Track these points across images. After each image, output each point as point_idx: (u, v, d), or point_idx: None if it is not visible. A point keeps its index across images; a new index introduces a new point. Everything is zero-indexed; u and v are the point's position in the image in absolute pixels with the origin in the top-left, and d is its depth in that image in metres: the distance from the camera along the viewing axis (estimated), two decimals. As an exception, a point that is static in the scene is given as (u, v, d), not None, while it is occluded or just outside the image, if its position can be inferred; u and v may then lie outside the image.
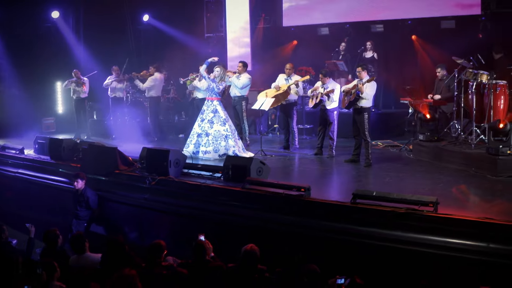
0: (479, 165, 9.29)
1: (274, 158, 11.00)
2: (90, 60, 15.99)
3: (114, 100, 14.59)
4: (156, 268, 6.60)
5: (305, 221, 7.56)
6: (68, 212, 9.95)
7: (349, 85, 10.47)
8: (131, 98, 14.86)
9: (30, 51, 15.62)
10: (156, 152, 9.49)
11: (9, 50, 15.41)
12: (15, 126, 15.23)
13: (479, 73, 9.83)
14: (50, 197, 10.73)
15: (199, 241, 6.63)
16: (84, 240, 7.26)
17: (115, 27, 16.69)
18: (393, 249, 6.90)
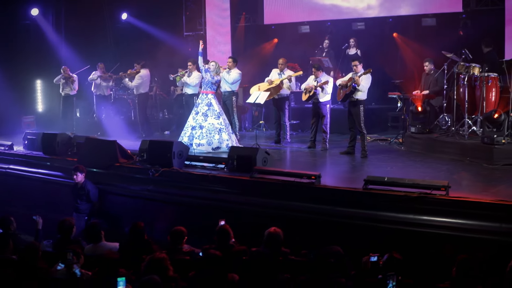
0: (474, 154, 9.59)
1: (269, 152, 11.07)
2: (71, 58, 15.78)
3: (98, 98, 14.49)
4: (178, 254, 6.65)
5: (318, 207, 7.69)
6: (66, 206, 9.86)
7: (345, 78, 10.66)
8: (114, 95, 14.76)
9: (9, 48, 15.37)
10: (159, 144, 9.51)
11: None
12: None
13: (471, 66, 10.15)
14: (46, 192, 10.61)
15: (223, 225, 6.68)
16: (100, 229, 7.24)
17: (95, 25, 16.56)
18: (407, 231, 7.09)
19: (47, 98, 16.38)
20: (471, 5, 13.57)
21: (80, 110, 15.40)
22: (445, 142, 10.36)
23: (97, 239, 7.15)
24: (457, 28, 13.91)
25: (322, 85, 10.88)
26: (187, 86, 12.96)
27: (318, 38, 15.72)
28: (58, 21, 16.28)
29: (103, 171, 9.87)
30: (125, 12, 17.39)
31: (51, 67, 16.12)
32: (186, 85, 12.98)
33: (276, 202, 8.06)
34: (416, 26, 14.56)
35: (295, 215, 7.82)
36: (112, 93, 14.75)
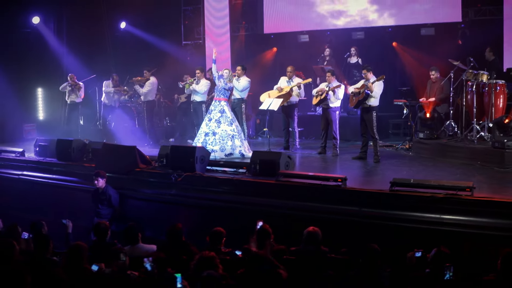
0: (485, 159, 9.96)
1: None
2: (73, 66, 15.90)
3: (104, 106, 14.64)
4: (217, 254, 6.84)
5: (346, 209, 7.97)
6: (84, 212, 10.00)
7: (357, 85, 10.99)
8: (119, 104, 14.92)
9: (10, 56, 15.43)
10: (181, 149, 9.73)
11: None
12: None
13: (479, 73, 10.56)
14: (63, 197, 10.73)
15: (262, 225, 6.91)
16: (137, 230, 7.42)
17: (96, 33, 16.67)
18: (433, 230, 7.39)
19: (48, 106, 16.45)
20: (470, 15, 14.03)
21: (83, 117, 15.49)
22: (455, 147, 10.73)
23: (134, 241, 7.32)
24: (456, 37, 14.35)
25: (334, 89, 11.19)
26: (195, 93, 13.19)
27: (317, 47, 16.09)
28: (59, 29, 16.37)
29: (123, 176, 10.00)
30: (124, 21, 17.53)
31: (52, 75, 16.26)
32: (194, 93, 13.21)
33: (303, 204, 8.32)
34: (415, 36, 14.94)
35: (323, 217, 8.06)
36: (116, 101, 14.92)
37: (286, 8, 16.37)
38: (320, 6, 15.81)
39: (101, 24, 16.99)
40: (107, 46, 17.19)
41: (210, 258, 5.97)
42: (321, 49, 15.87)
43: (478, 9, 13.90)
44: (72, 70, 15.65)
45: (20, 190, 11.44)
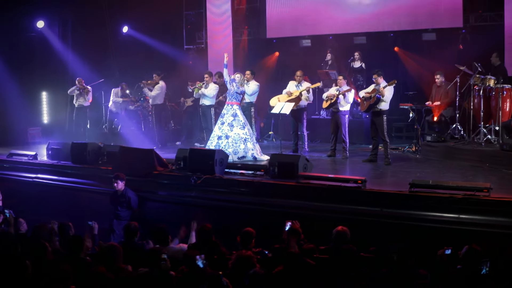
0: (493, 161, 10.33)
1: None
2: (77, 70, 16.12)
3: (111, 112, 14.86)
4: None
5: (366, 210, 8.28)
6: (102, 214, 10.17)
7: (367, 89, 11.31)
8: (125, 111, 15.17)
9: (15, 60, 15.61)
10: (200, 152, 9.98)
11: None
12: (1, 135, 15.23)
13: (486, 78, 10.94)
14: (79, 200, 10.91)
15: (293, 225, 7.18)
16: (168, 232, 7.64)
17: (99, 38, 16.87)
18: (452, 230, 7.71)
19: (53, 109, 16.64)
20: (471, 21, 14.39)
21: (90, 121, 15.68)
22: (463, 149, 11.09)
23: (165, 242, 7.55)
24: (457, 42, 14.71)
25: (344, 92, 11.50)
26: (204, 97, 13.45)
27: (320, 52, 16.42)
28: (64, 33, 16.57)
29: (141, 179, 10.22)
30: (126, 25, 17.74)
31: (56, 79, 16.48)
32: (203, 97, 13.46)
33: (324, 205, 8.60)
34: (416, 40, 15.30)
35: (343, 217, 8.30)
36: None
37: (289, 13, 16.65)
38: (322, 11, 16.10)
39: (104, 28, 17.19)
40: (110, 50, 17.38)
41: (248, 257, 6.23)
42: (323, 54, 16.18)
43: (479, 15, 14.26)
44: (77, 74, 15.87)
45: (34, 193, 11.57)
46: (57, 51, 16.44)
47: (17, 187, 11.90)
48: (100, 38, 16.95)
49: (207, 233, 7.47)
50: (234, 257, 6.28)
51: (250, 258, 6.26)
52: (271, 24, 16.97)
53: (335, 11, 15.99)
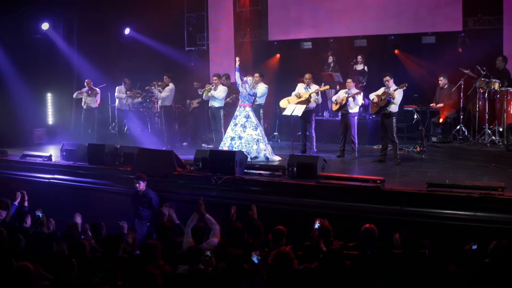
0: (499, 161, 10.86)
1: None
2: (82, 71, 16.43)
3: (119, 111, 15.17)
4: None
5: (386, 208, 8.74)
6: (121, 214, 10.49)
7: (377, 92, 11.76)
8: (132, 107, 15.48)
9: (20, 62, 15.90)
10: (221, 153, 10.38)
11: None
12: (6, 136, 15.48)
13: (491, 82, 11.45)
14: (97, 200, 11.23)
15: (323, 223, 7.60)
16: (204, 231, 8.02)
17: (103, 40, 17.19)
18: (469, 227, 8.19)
19: (57, 111, 16.92)
20: (469, 24, 14.90)
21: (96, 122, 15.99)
22: (469, 150, 11.62)
23: (201, 241, 7.92)
24: (456, 45, 15.22)
25: (354, 95, 11.97)
26: (213, 99, 13.82)
27: (320, 54, 16.89)
28: (69, 35, 16.84)
29: (161, 179, 10.58)
30: (128, 27, 18.06)
31: (61, 81, 16.82)
32: (212, 99, 13.84)
33: (344, 204, 9.06)
34: (416, 43, 15.80)
35: (363, 216, 8.77)
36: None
37: (291, 16, 17.06)
38: (323, 14, 16.52)
39: (107, 30, 17.49)
40: (112, 52, 17.69)
41: (286, 254, 6.64)
42: (324, 56, 16.65)
43: (478, 19, 14.77)
44: (82, 75, 16.22)
45: (51, 193, 11.86)
46: (61, 53, 16.77)
47: (33, 187, 12.11)
48: (104, 40, 17.27)
49: (238, 231, 7.86)
50: (273, 254, 6.67)
51: (289, 254, 6.67)
52: (273, 27, 17.38)
53: (336, 15, 16.40)
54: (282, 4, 17.16)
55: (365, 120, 14.71)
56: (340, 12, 16.33)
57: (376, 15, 15.81)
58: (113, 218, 10.30)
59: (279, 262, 6.50)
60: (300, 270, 6.21)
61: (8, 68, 15.63)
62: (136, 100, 15.41)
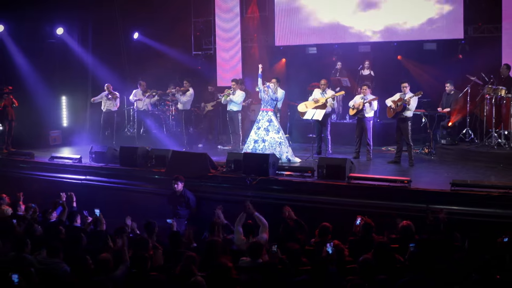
0: (507, 162, 11.97)
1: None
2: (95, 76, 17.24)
3: (138, 112, 16.02)
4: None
5: (414, 206, 9.75)
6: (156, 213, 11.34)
7: (393, 98, 12.78)
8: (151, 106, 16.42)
9: (36, 66, 16.65)
10: (254, 156, 11.32)
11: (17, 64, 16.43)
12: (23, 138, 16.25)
13: (498, 89, 12.57)
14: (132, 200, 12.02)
15: (366, 219, 8.56)
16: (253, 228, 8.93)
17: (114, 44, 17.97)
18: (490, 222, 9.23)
19: (72, 113, 17.68)
20: (469, 32, 16.02)
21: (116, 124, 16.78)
22: (477, 152, 12.74)
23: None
24: (456, 52, 16.34)
25: (371, 101, 12.99)
26: (232, 103, 14.72)
27: (325, 59, 17.94)
28: (83, 40, 17.59)
29: (196, 181, 11.46)
30: (137, 31, 18.87)
31: (75, 84, 17.56)
32: (231, 103, 14.74)
33: (373, 203, 10.05)
34: (418, 50, 16.89)
35: (391, 213, 9.75)
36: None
37: (296, 22, 17.96)
38: (328, 21, 17.47)
39: (119, 35, 18.28)
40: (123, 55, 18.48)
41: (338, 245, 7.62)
42: (328, 60, 17.67)
43: (478, 27, 15.89)
44: (96, 79, 16.99)
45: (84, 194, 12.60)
46: (76, 57, 17.50)
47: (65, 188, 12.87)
48: (116, 44, 18.06)
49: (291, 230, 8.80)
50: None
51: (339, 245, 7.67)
52: (279, 33, 18.29)
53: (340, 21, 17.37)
54: (287, 11, 18.03)
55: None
56: (344, 19, 17.30)
57: (380, 23, 16.83)
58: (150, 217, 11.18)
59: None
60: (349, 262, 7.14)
61: (27, 71, 16.30)
62: (153, 100, 16.21)
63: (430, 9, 15.99)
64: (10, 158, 14.61)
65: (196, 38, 19.37)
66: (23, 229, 9.36)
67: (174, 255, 7.91)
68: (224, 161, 12.10)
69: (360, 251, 7.55)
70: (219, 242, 8.16)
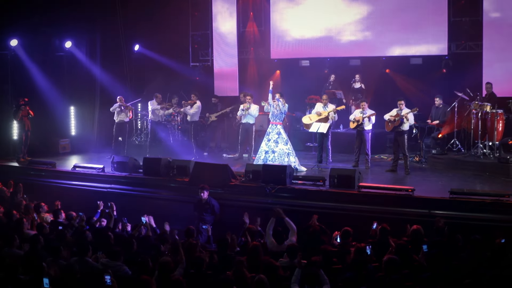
0: (493, 171, 13.81)
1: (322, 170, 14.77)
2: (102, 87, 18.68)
3: (152, 122, 17.55)
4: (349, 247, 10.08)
5: (416, 211, 11.46)
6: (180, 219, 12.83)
7: (391, 113, 14.50)
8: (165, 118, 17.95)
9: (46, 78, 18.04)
10: (273, 167, 12.94)
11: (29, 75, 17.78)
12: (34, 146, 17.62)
13: (484, 104, 14.41)
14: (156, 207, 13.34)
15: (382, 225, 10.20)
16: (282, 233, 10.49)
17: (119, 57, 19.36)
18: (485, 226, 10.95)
19: (80, 122, 19.05)
20: (452, 48, 17.87)
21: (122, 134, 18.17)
22: (465, 161, 14.56)
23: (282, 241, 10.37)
24: (440, 67, 18.20)
25: (370, 116, 14.70)
26: (248, 116, 16.36)
27: (317, 71, 19.66)
28: (91, 53, 18.96)
29: (219, 189, 12.99)
30: (137, 44, 20.29)
31: (83, 95, 18.92)
32: (247, 116, 16.35)
33: (381, 209, 11.72)
34: (405, 64, 18.69)
35: (397, 218, 11.42)
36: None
37: (291, 37, 19.72)
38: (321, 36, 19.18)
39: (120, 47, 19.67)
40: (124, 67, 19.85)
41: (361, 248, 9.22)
42: (320, 73, 19.41)
43: (461, 44, 17.73)
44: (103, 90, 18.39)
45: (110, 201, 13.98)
46: (83, 69, 18.88)
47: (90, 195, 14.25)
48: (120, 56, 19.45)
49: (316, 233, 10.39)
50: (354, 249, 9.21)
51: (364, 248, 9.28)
52: (274, 46, 19.95)
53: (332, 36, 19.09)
54: (282, 26, 19.76)
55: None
56: (336, 34, 19.02)
57: (369, 39, 18.60)
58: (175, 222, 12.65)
59: (359, 256, 9.02)
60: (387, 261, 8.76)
61: (38, 83, 17.65)
62: (167, 112, 17.69)
63: (417, 26, 17.83)
64: (32, 167, 15.89)
65: (194, 50, 20.84)
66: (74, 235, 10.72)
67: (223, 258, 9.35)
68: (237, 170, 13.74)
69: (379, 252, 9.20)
70: (260, 246, 9.67)
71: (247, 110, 16.29)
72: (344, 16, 18.77)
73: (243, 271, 8.23)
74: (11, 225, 11.11)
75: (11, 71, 17.46)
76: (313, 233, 10.43)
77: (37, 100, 17.73)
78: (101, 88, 18.89)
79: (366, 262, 8.27)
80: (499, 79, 15.99)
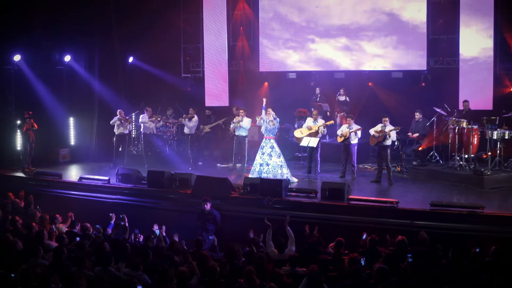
0: (468, 182, 15.37)
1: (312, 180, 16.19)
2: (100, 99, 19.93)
3: (144, 135, 18.78)
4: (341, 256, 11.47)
5: (400, 222, 12.91)
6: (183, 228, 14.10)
7: (376, 128, 15.95)
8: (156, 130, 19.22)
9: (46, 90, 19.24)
10: (269, 181, 14.32)
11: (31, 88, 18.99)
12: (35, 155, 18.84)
13: (460, 121, 15.94)
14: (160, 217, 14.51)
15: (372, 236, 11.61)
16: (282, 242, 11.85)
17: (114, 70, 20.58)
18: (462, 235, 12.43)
19: (79, 133, 20.27)
20: (431, 63, 19.40)
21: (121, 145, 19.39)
22: (443, 172, 16.10)
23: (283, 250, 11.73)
24: (420, 81, 19.70)
25: (356, 131, 16.16)
26: (240, 129, 17.68)
27: (303, 84, 21.06)
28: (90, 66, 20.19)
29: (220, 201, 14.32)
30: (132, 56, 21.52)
31: (82, 107, 20.14)
32: (239, 129, 17.66)
33: (368, 219, 13.15)
34: (387, 78, 20.16)
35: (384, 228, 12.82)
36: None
37: (278, 51, 21.16)
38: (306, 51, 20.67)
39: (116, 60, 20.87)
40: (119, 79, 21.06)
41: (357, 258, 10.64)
42: (306, 86, 20.85)
43: (438, 59, 19.26)
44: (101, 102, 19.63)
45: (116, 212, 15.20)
46: (82, 81, 20.12)
47: (97, 206, 15.50)
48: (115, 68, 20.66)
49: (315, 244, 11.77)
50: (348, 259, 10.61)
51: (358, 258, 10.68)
52: (263, 60, 21.34)
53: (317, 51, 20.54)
54: (270, 41, 21.19)
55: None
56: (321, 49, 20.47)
57: (353, 54, 20.08)
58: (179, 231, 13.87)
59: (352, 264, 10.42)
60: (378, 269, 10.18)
61: (40, 96, 18.85)
62: (159, 125, 18.99)
63: (398, 42, 19.41)
64: (39, 178, 17.05)
65: (186, 62, 22.13)
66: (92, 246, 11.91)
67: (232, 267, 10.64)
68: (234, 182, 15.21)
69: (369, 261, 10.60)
70: (265, 255, 10.98)
71: (239, 123, 17.59)
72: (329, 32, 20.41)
73: (254, 279, 9.35)
74: (32, 237, 12.08)
75: (14, 85, 18.63)
76: (313, 243, 11.81)
77: (38, 111, 18.86)
78: (99, 100, 20.07)
79: (361, 271, 9.68)
80: (474, 93, 17.66)
